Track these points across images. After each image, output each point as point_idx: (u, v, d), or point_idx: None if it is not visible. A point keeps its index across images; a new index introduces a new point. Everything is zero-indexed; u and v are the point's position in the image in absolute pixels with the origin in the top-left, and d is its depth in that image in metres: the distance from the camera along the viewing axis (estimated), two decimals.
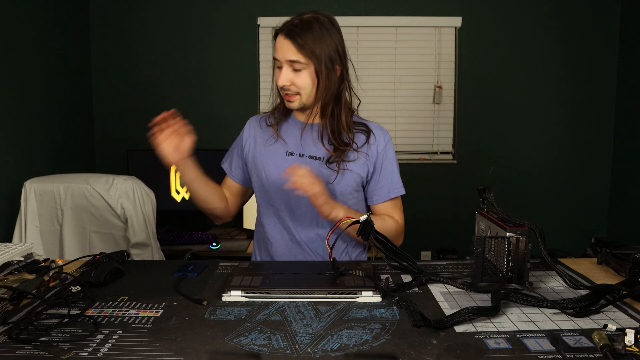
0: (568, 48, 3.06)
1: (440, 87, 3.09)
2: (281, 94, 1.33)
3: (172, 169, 2.79)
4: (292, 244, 1.39)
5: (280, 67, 1.29)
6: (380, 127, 1.41)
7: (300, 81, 1.27)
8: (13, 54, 2.25)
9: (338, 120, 1.33)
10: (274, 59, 1.30)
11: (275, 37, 1.31)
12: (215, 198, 1.42)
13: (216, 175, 1.45)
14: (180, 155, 1.25)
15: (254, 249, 1.51)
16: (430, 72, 3.10)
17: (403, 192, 1.42)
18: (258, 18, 3.03)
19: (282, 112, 1.40)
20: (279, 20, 1.34)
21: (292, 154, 1.36)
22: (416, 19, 3.04)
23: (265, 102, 1.46)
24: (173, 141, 1.24)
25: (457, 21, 3.04)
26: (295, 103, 1.31)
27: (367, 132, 1.37)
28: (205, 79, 3.06)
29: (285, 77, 1.27)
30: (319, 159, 1.35)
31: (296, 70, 1.27)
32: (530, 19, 3.04)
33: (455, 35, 3.08)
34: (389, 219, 1.40)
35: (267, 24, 3.02)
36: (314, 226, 1.37)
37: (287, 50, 1.25)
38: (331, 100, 1.31)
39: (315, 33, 1.25)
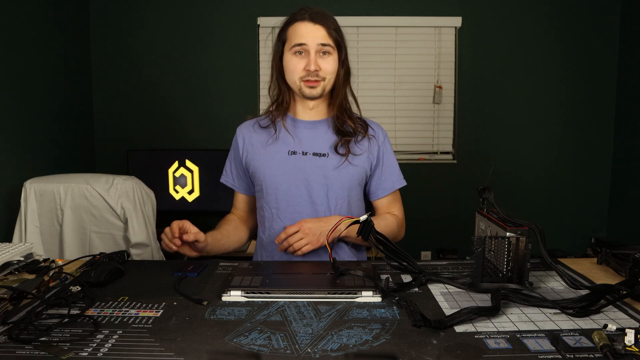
0: (568, 48, 3.06)
1: (440, 87, 3.09)
2: (299, 83, 1.31)
3: (170, 170, 2.79)
4: None
5: (300, 53, 1.29)
6: (376, 123, 1.45)
7: (328, 66, 1.29)
8: (13, 54, 2.25)
9: (345, 108, 1.37)
10: (297, 45, 1.28)
11: (287, 26, 1.31)
12: (237, 238, 1.44)
13: (216, 174, 1.44)
14: (197, 250, 1.27)
15: (255, 252, 1.50)
16: (430, 72, 3.10)
17: (405, 183, 1.45)
18: (258, 18, 3.03)
19: (280, 112, 1.38)
20: (279, 20, 1.34)
21: (294, 152, 1.35)
22: (416, 19, 3.04)
23: (266, 102, 1.45)
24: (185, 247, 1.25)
25: (457, 21, 3.04)
26: (318, 89, 1.31)
27: (366, 126, 1.41)
28: (205, 79, 3.06)
29: (315, 61, 1.27)
30: (324, 155, 1.34)
31: (323, 55, 1.29)
32: (530, 19, 3.04)
33: (455, 35, 3.08)
34: (389, 216, 1.41)
35: (267, 24, 3.02)
36: None
37: (318, 34, 1.27)
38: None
39: (334, 21, 1.30)
